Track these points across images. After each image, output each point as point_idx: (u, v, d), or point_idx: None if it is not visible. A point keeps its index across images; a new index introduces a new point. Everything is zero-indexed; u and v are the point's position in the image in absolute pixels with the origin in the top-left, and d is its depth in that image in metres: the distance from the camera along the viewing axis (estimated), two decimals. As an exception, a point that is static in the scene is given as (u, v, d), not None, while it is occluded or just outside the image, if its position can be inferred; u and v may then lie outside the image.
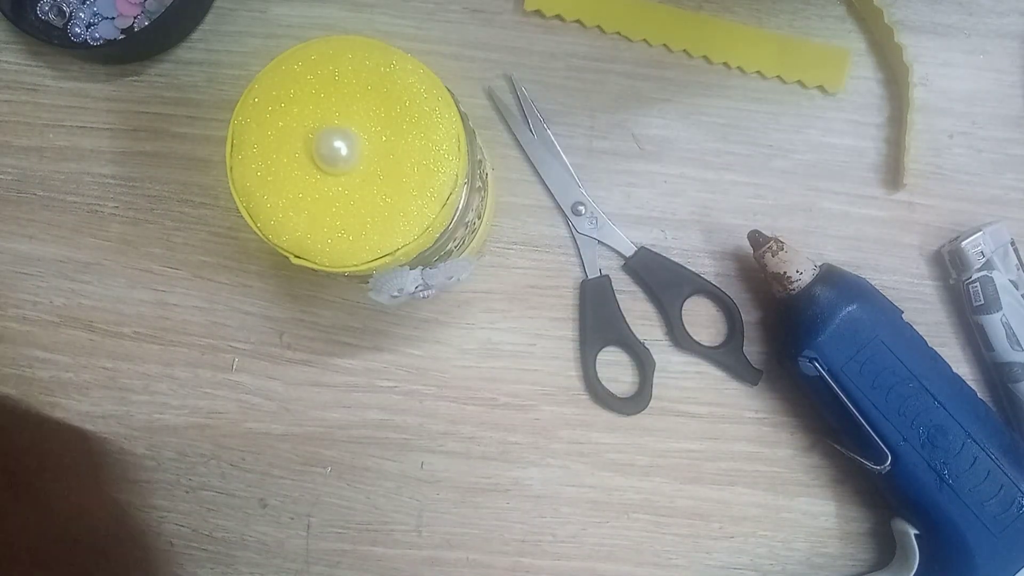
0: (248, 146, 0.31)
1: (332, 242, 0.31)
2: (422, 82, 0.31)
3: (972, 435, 0.39)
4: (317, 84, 0.31)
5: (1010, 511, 0.38)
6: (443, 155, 0.31)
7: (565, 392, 0.44)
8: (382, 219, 0.30)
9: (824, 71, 0.44)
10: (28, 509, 0.44)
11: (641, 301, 0.45)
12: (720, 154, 0.45)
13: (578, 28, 0.45)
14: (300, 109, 0.31)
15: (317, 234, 0.31)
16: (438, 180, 0.31)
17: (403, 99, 0.31)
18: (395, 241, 0.30)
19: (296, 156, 0.31)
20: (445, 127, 0.31)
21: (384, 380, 0.44)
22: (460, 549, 0.44)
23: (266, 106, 0.31)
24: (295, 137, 0.31)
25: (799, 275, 0.40)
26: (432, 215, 0.31)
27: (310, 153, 0.30)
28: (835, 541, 0.44)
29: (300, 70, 0.31)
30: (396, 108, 0.31)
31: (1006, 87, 0.45)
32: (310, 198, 0.31)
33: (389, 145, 0.31)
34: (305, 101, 0.31)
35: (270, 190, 0.31)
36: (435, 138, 0.31)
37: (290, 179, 0.31)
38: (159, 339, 0.45)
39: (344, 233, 0.30)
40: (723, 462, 0.44)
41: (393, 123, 0.31)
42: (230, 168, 0.31)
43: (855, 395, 0.39)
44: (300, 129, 0.31)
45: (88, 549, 0.44)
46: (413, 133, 0.31)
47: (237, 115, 0.31)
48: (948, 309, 0.44)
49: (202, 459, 0.44)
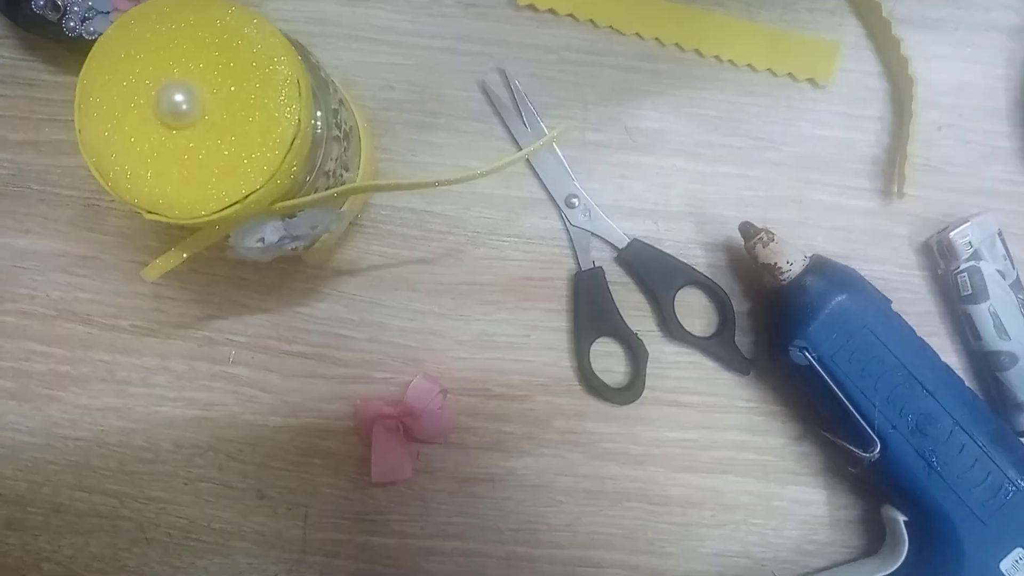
0: (95, 107, 0.31)
1: (181, 195, 0.31)
2: (258, 30, 0.32)
3: (960, 422, 0.39)
4: (158, 41, 0.31)
5: (997, 497, 0.39)
6: (283, 100, 0.31)
7: (559, 383, 0.45)
8: (228, 168, 0.31)
9: (814, 64, 0.45)
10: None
11: (634, 292, 0.45)
12: (712, 146, 0.45)
13: (571, 22, 0.45)
14: (142, 68, 0.31)
15: (166, 188, 0.31)
16: (279, 125, 0.31)
17: (241, 49, 0.31)
18: (242, 188, 0.31)
19: (142, 113, 0.31)
20: (283, 73, 0.31)
21: (380, 372, 0.45)
22: (456, 539, 0.45)
23: (110, 66, 0.31)
24: (139, 95, 0.31)
25: (789, 266, 0.40)
26: (277, 161, 0.31)
27: (154, 109, 0.31)
28: (825, 528, 0.45)
29: (141, 29, 0.31)
30: (235, 58, 0.31)
31: (993, 80, 0.45)
32: (157, 153, 0.31)
33: (230, 95, 0.31)
34: (147, 59, 0.31)
35: (118, 148, 0.31)
36: (274, 84, 0.31)
37: (137, 136, 0.31)
38: (156, 332, 0.45)
39: (192, 185, 0.31)
40: (715, 451, 0.45)
41: (233, 73, 0.31)
42: (78, 130, 0.31)
43: (845, 383, 0.40)
44: (143, 86, 0.31)
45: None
46: (252, 81, 0.31)
47: (83, 77, 0.32)
48: (936, 299, 0.45)
49: (200, 451, 0.45)
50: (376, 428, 0.43)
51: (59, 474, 0.45)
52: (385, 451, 0.44)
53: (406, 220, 0.45)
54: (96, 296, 0.45)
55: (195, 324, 0.45)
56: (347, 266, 0.45)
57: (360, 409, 0.44)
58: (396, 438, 0.44)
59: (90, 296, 0.45)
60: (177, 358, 0.45)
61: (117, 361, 0.45)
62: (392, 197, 0.45)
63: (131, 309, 0.45)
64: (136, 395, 0.45)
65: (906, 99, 0.44)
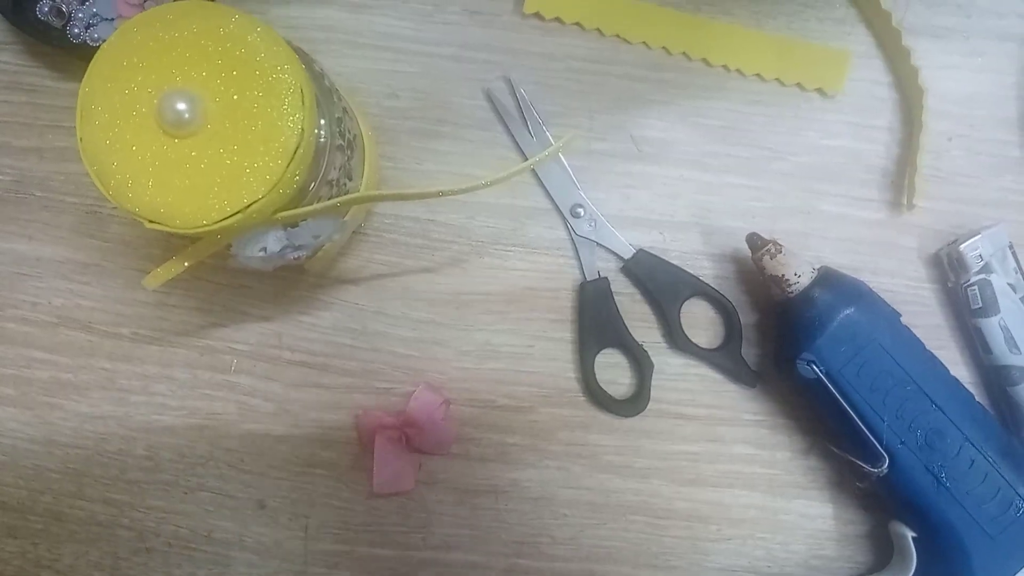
0: (96, 115, 0.31)
1: (183, 204, 0.31)
2: (261, 39, 0.31)
3: (969, 438, 0.39)
4: (160, 49, 0.31)
5: (1007, 513, 0.38)
6: (286, 109, 0.31)
7: (563, 394, 0.44)
8: (230, 177, 0.31)
9: (823, 73, 0.45)
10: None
11: (639, 303, 0.45)
12: (719, 156, 0.45)
13: (577, 30, 0.45)
14: (144, 76, 0.31)
15: (168, 197, 0.31)
16: (282, 134, 0.31)
17: (244, 57, 0.31)
18: (244, 198, 0.30)
19: (144, 122, 0.31)
20: (286, 81, 0.31)
21: (382, 381, 0.44)
22: (458, 551, 0.44)
23: (112, 74, 0.31)
24: (141, 103, 0.31)
25: (797, 278, 0.40)
26: (280, 170, 0.31)
27: (156, 117, 0.30)
28: (832, 543, 0.44)
29: (144, 37, 0.31)
30: (238, 67, 0.31)
31: (1004, 89, 0.45)
32: (160, 162, 0.31)
33: (233, 104, 0.31)
34: (149, 67, 0.31)
35: (120, 157, 0.31)
36: (277, 93, 0.31)
37: (139, 144, 0.31)
38: (158, 340, 0.45)
39: (194, 194, 0.31)
40: (721, 464, 0.44)
41: (235, 81, 0.31)
42: (80, 138, 0.31)
43: (853, 398, 0.39)
44: (145, 95, 0.31)
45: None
46: (255, 90, 0.31)
47: (84, 85, 0.31)
48: (946, 312, 0.44)
49: (201, 460, 0.44)
50: (378, 438, 0.43)
51: (59, 482, 0.44)
52: (387, 462, 0.43)
53: (409, 229, 0.45)
54: (98, 304, 0.45)
55: (197, 332, 0.45)
56: (350, 275, 0.45)
57: (362, 419, 0.44)
58: (398, 449, 0.43)
59: (92, 304, 0.45)
60: (178, 366, 0.45)
61: (118, 369, 0.45)
62: (396, 206, 0.45)
63: (133, 317, 0.45)
64: (137, 403, 0.45)
65: (916, 109, 0.44)
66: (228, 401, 0.44)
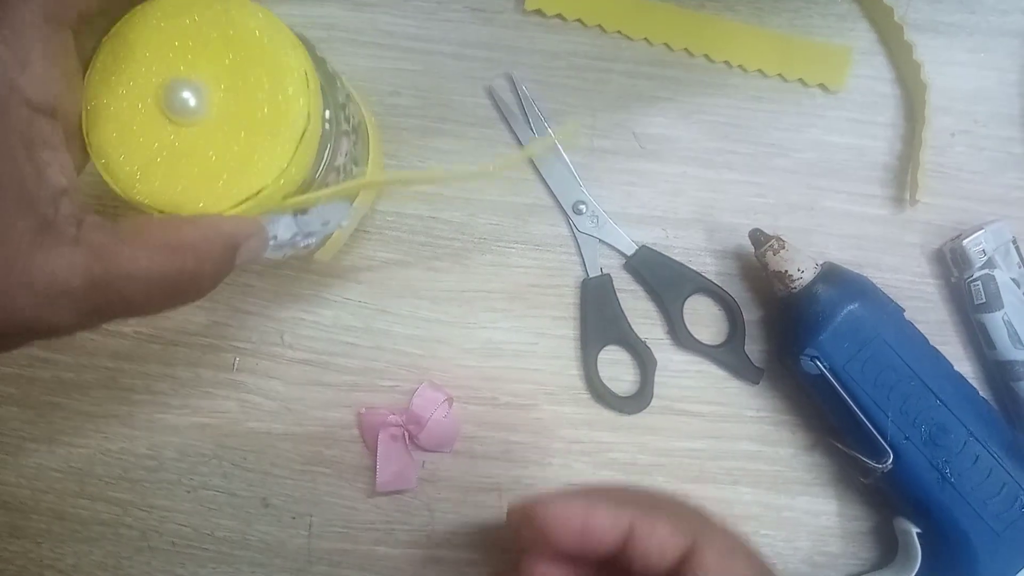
0: (102, 107, 0.31)
1: (193, 193, 0.31)
2: (263, 24, 0.31)
3: (974, 433, 0.39)
4: (162, 39, 0.31)
5: (1012, 509, 0.38)
6: (291, 94, 0.31)
7: (566, 391, 0.44)
8: (238, 164, 0.31)
9: (825, 69, 0.44)
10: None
11: (642, 300, 0.45)
12: (721, 153, 0.45)
13: (579, 27, 0.45)
14: (148, 66, 0.31)
15: (176, 186, 0.31)
16: (288, 119, 0.31)
17: (247, 44, 0.31)
18: (253, 184, 0.30)
19: (149, 112, 0.31)
20: (291, 65, 0.31)
21: (385, 380, 0.44)
22: (462, 549, 0.44)
23: (116, 66, 0.31)
24: (146, 93, 0.31)
25: (800, 273, 0.40)
26: (288, 155, 0.31)
27: (162, 107, 0.30)
28: (837, 540, 0.44)
29: (146, 27, 0.31)
30: (241, 53, 0.31)
31: (1008, 85, 0.45)
32: (167, 151, 0.31)
33: (238, 90, 0.31)
34: (152, 57, 0.31)
35: (127, 148, 0.31)
36: (281, 77, 0.31)
37: (145, 135, 0.31)
38: (160, 339, 0.45)
39: (203, 182, 0.31)
40: (725, 461, 0.44)
41: (239, 68, 0.31)
42: (86, 132, 0.31)
43: (857, 393, 0.39)
44: (150, 85, 0.31)
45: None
46: (259, 75, 0.31)
47: (89, 78, 0.31)
48: (950, 307, 0.44)
49: (203, 458, 0.44)
50: (381, 436, 0.43)
51: (62, 481, 0.44)
52: (390, 460, 0.43)
53: (412, 227, 0.45)
54: (100, 302, 0.45)
55: (199, 330, 0.45)
56: (352, 273, 0.45)
57: (365, 417, 0.44)
58: (401, 447, 0.43)
59: (94, 302, 0.45)
60: (181, 365, 0.45)
61: (121, 368, 0.45)
62: (399, 204, 0.45)
63: (135, 315, 0.45)
64: (139, 402, 0.44)
65: (919, 105, 0.44)
66: (230, 399, 0.44)
